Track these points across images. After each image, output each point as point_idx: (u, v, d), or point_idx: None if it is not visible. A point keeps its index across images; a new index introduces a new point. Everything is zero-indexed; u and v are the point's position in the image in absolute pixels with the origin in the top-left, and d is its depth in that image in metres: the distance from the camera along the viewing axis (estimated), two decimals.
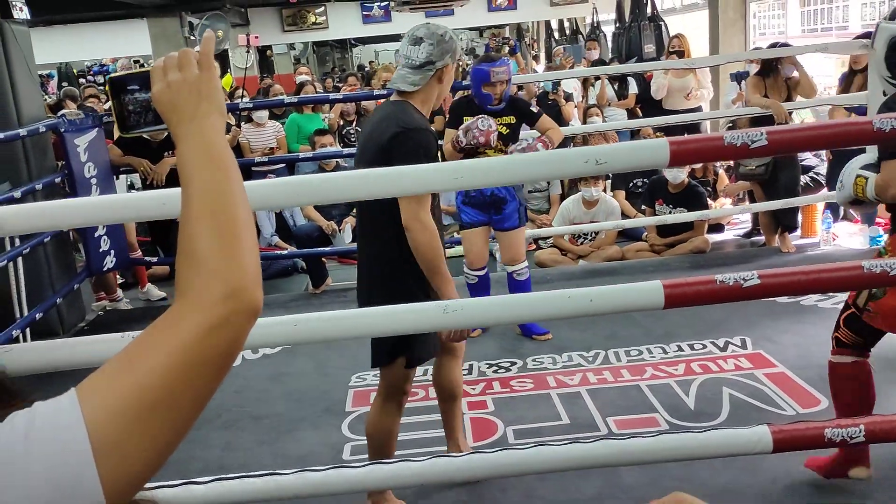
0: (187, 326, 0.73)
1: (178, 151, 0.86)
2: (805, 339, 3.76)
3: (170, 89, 0.89)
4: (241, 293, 0.76)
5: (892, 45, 2.16)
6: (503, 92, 3.85)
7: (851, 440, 1.80)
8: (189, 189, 0.82)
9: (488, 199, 3.99)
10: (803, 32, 9.48)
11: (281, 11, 12.83)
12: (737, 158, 1.67)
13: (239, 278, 0.77)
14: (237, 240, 0.79)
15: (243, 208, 0.82)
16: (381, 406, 2.58)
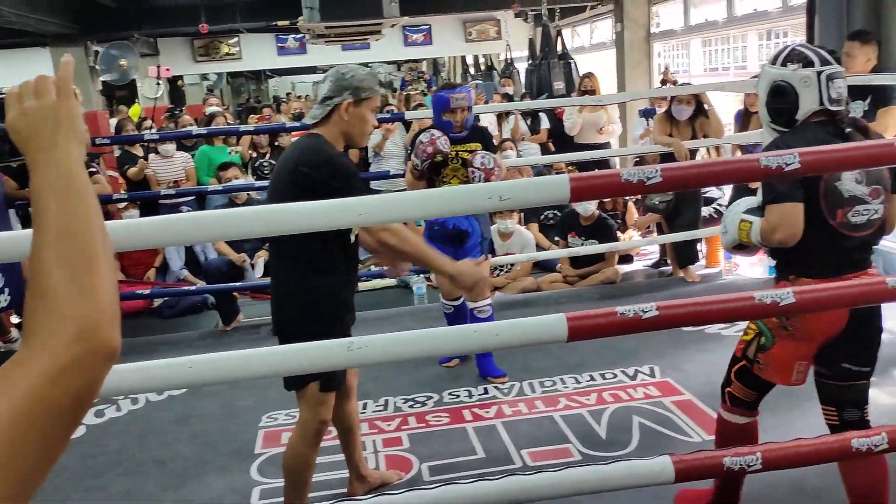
0: (34, 371, 0.68)
1: (32, 181, 0.80)
2: (709, 366, 3.87)
3: (25, 117, 0.84)
4: (94, 333, 0.71)
5: (773, 91, 2.21)
6: (464, 119, 3.83)
7: (749, 468, 1.85)
8: (40, 220, 0.76)
9: (451, 231, 3.95)
10: (705, 71, 9.93)
11: (192, 42, 12.63)
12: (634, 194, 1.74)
13: (92, 317, 0.72)
14: (91, 275, 0.74)
15: (101, 242, 0.77)
16: (297, 435, 2.57)
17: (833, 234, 2.13)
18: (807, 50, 2.20)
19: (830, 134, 2.13)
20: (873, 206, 2.14)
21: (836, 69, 2.16)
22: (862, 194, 2.11)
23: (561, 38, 9.88)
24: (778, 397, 3.48)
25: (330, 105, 2.45)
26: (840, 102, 2.16)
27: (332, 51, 12.74)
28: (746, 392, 2.43)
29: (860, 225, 2.14)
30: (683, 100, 5.27)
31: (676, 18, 9.26)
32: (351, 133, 2.51)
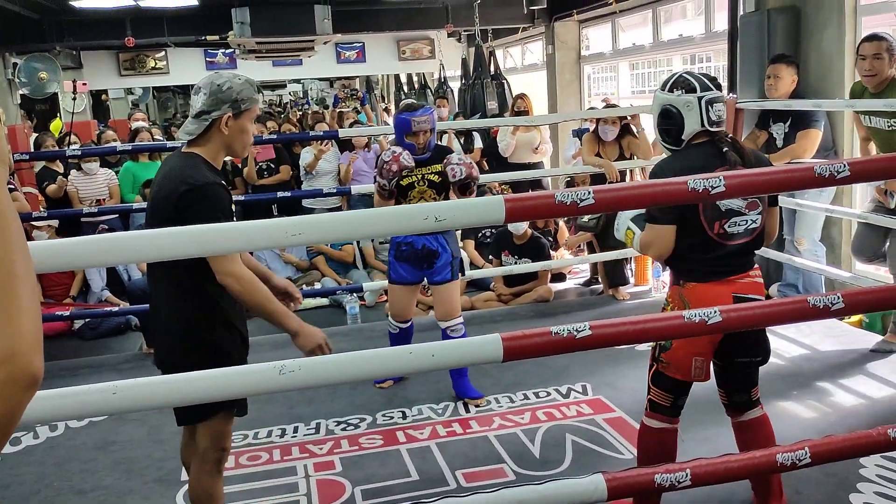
0: None
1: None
2: (640, 383, 3.90)
3: None
4: (14, 360, 0.68)
5: (661, 114, 2.43)
6: (427, 141, 3.77)
7: (679, 484, 1.88)
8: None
9: (420, 251, 3.83)
10: (633, 94, 10.19)
11: (118, 55, 12.29)
12: (568, 215, 1.78)
13: (12, 343, 0.69)
14: (12, 300, 0.71)
15: (22, 265, 0.74)
16: (200, 468, 2.41)
17: (712, 243, 2.36)
18: (691, 77, 2.42)
19: (710, 154, 2.36)
20: (750, 217, 2.36)
21: (716, 94, 2.38)
22: (739, 207, 2.33)
23: (494, 59, 10.01)
24: (708, 411, 3.58)
25: (208, 120, 2.29)
26: (720, 124, 2.38)
27: (262, 66, 12.59)
28: (662, 395, 2.55)
29: (737, 234, 2.37)
30: (609, 120, 5.40)
31: (605, 42, 9.50)
32: (232, 146, 2.37)
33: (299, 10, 7.43)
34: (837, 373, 3.97)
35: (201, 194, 2.18)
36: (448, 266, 3.85)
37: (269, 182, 6.92)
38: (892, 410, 3.49)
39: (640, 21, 8.91)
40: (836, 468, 2.72)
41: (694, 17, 8.22)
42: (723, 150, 2.36)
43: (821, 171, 1.82)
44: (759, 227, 2.41)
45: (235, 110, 2.31)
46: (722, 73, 7.37)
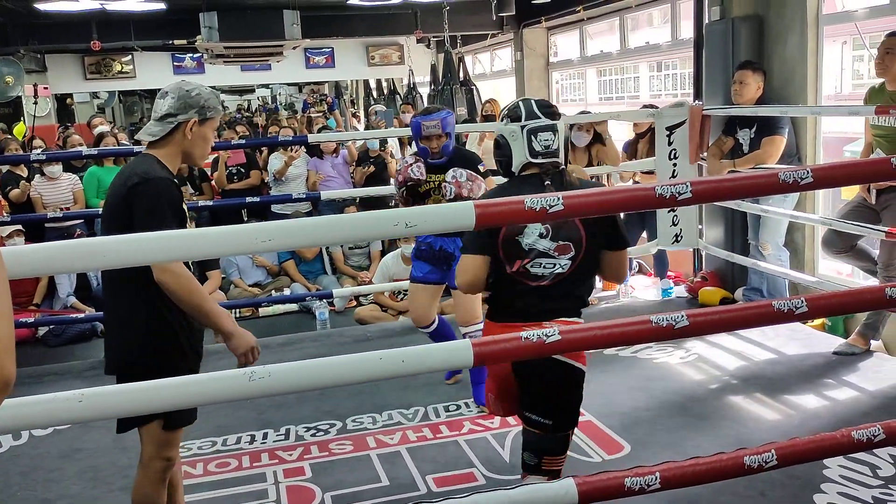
0: None
1: None
2: (608, 387, 3.98)
3: None
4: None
5: (494, 144, 2.38)
6: (441, 145, 3.64)
7: (649, 487, 1.90)
8: None
9: (437, 252, 3.76)
10: (600, 100, 10.30)
11: (83, 59, 12.11)
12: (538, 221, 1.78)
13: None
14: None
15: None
16: (144, 475, 2.40)
17: (511, 281, 2.27)
18: (521, 105, 2.33)
19: (534, 186, 2.25)
20: (559, 261, 2.25)
21: (541, 123, 2.27)
22: (546, 248, 2.24)
23: (463, 65, 10.04)
24: (673, 415, 3.63)
25: (173, 123, 2.32)
26: (549, 154, 2.28)
27: (230, 71, 12.50)
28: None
29: (540, 276, 2.26)
30: (583, 127, 5.45)
31: (573, 49, 9.59)
32: (192, 153, 2.41)
33: (268, 14, 7.40)
34: (801, 375, 4.04)
35: (150, 186, 2.20)
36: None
37: (240, 187, 6.87)
38: (855, 412, 3.56)
39: (607, 28, 9.01)
40: (799, 470, 2.77)
41: (660, 24, 8.34)
42: (544, 182, 2.27)
43: (785, 177, 1.85)
44: (566, 272, 2.26)
45: (201, 116, 2.35)
46: (688, 80, 7.49)
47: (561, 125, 2.33)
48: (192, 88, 2.38)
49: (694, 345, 4.49)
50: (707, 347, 4.47)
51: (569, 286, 2.30)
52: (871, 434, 2.13)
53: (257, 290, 6.46)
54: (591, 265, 2.33)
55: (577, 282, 2.31)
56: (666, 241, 5.34)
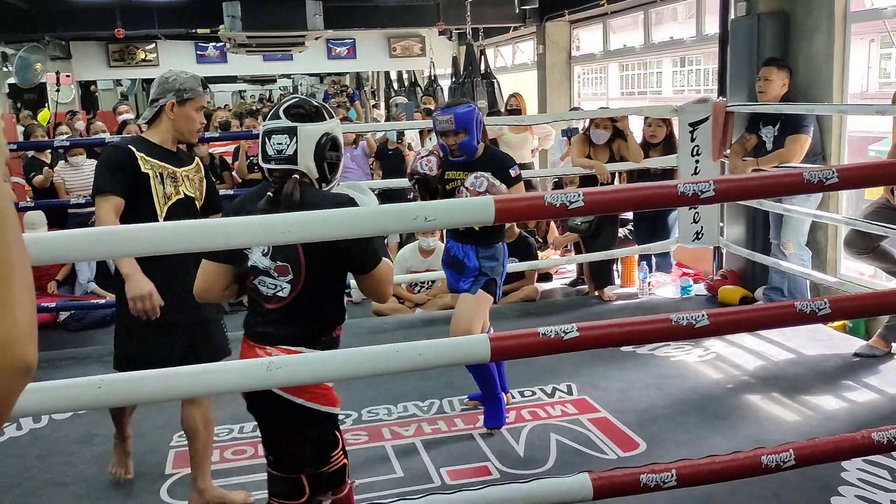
0: None
1: None
2: (625, 384, 3.97)
3: None
4: (9, 348, 0.69)
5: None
6: (458, 143, 3.34)
7: (664, 484, 1.89)
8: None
9: (452, 258, 3.56)
10: (622, 95, 10.23)
11: (107, 46, 12.21)
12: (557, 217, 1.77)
13: (7, 331, 0.69)
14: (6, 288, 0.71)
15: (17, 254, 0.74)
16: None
17: (251, 298, 2.11)
18: (277, 105, 2.13)
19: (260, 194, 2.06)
20: (279, 283, 2.03)
21: (273, 125, 2.04)
22: (266, 266, 2.04)
23: (484, 58, 10.01)
24: (688, 413, 3.61)
25: (157, 106, 2.75)
26: (282, 161, 2.02)
27: (253, 61, 12.55)
28: None
29: (267, 296, 2.06)
30: (601, 123, 5.40)
31: (596, 43, 9.53)
32: (180, 130, 2.81)
33: (291, 5, 7.40)
34: (821, 377, 4.00)
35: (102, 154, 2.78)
36: (471, 278, 3.45)
37: (260, 176, 6.89)
38: (875, 414, 3.52)
39: (631, 23, 8.94)
40: (817, 471, 2.74)
41: (685, 20, 8.25)
42: (268, 192, 2.02)
43: (810, 177, 1.82)
44: (288, 297, 2.02)
45: (178, 98, 2.74)
46: (712, 76, 7.41)
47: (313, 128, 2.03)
48: (170, 76, 2.79)
49: (712, 343, 4.46)
50: (726, 346, 4.44)
51: (293, 312, 2.04)
52: (892, 436, 2.11)
53: None
54: (321, 291, 2.06)
55: (303, 309, 2.04)
56: (686, 239, 5.30)
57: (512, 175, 3.34)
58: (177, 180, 2.91)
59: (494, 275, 3.48)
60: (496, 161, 3.41)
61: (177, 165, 2.91)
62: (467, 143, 3.38)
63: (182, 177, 2.92)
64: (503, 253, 3.56)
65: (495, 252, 3.49)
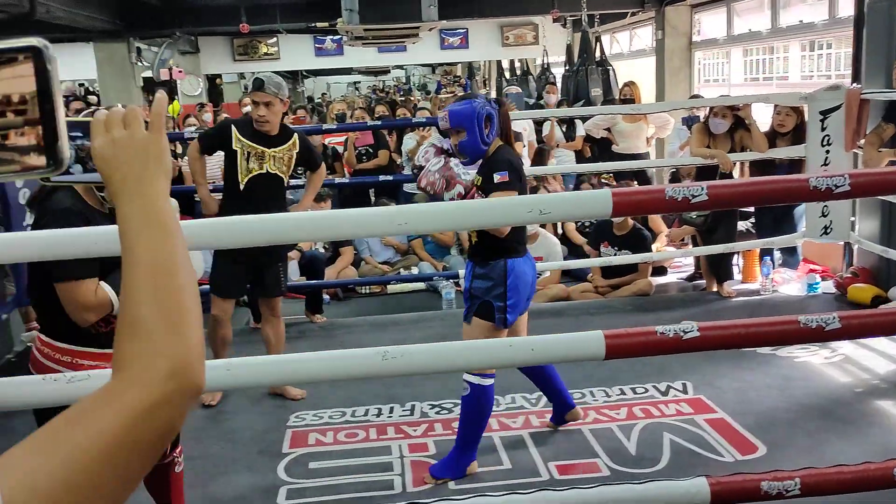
0: (126, 405, 0.68)
1: (121, 212, 0.81)
2: (744, 384, 3.81)
3: (114, 145, 0.83)
4: (185, 371, 0.72)
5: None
6: (457, 143, 3.00)
7: (787, 493, 1.80)
8: (132, 256, 0.78)
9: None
10: (745, 81, 9.80)
11: (232, 41, 12.75)
12: (678, 211, 1.70)
13: (184, 355, 0.73)
14: (182, 313, 0.75)
15: (188, 278, 0.78)
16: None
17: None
18: None
19: None
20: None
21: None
22: None
23: (599, 45, 9.81)
24: (814, 418, 3.43)
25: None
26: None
27: (368, 52, 12.78)
28: None
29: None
30: (720, 112, 5.18)
31: (719, 27, 9.14)
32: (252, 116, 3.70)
33: None
34: None
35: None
36: (467, 302, 3.09)
37: (368, 167, 7.05)
38: None
39: (756, 5, 8.53)
40: None
41: (815, 1, 7.79)
42: None
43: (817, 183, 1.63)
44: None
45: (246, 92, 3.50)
46: (844, 61, 6.98)
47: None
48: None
49: (841, 344, 4.21)
50: (855, 348, 4.18)
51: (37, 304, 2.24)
52: None
53: (387, 268, 6.61)
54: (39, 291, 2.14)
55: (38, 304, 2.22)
56: (814, 233, 5.02)
57: (495, 180, 2.92)
58: (263, 159, 3.70)
59: (488, 297, 2.96)
60: (490, 164, 2.99)
61: (266, 146, 3.69)
62: (466, 144, 2.96)
63: (269, 156, 3.70)
64: (508, 271, 2.95)
65: (490, 270, 2.97)
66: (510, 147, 3.07)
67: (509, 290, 2.95)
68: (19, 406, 1.67)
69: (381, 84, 27.73)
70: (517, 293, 2.98)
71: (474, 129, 2.95)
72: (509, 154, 3.03)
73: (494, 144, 3.03)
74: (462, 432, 3.05)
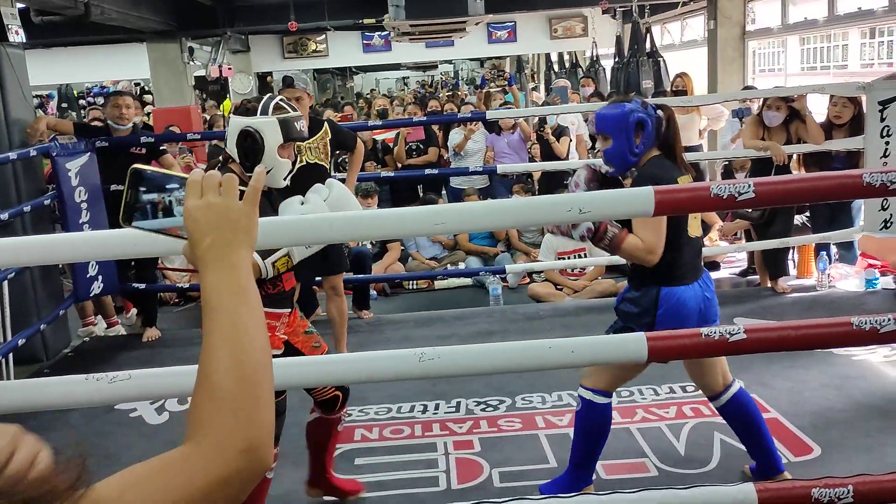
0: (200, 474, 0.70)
1: (206, 278, 0.83)
2: (797, 384, 3.71)
3: (210, 210, 0.85)
4: (258, 451, 0.73)
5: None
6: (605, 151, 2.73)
7: (839, 501, 1.74)
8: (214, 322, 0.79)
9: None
10: (802, 70, 9.54)
11: (282, 39, 12.90)
12: (724, 209, 1.63)
13: (258, 435, 0.74)
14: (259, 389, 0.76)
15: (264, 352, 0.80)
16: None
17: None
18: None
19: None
20: None
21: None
22: None
23: (650, 36, 9.64)
24: (872, 419, 3.31)
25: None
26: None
27: (416, 48, 12.80)
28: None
29: None
30: (773, 105, 5.02)
31: (773, 16, 8.90)
32: None
33: None
34: None
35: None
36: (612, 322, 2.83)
37: (417, 162, 7.06)
38: None
39: None
40: None
41: None
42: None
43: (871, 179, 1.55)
44: None
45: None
46: None
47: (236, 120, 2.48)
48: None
49: None
50: None
51: None
52: None
53: (434, 264, 6.62)
54: None
55: None
56: (873, 227, 4.85)
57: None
58: (300, 151, 3.84)
59: (633, 324, 2.61)
60: (639, 179, 2.66)
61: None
62: (612, 152, 2.68)
63: (305, 148, 3.93)
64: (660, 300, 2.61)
65: (641, 297, 2.65)
66: (666, 159, 2.67)
67: (658, 321, 2.57)
68: (66, 405, 1.71)
69: (429, 79, 27.75)
70: (670, 326, 2.52)
71: (621, 136, 2.63)
72: (659, 168, 2.63)
73: (648, 154, 2.66)
74: (575, 451, 2.80)
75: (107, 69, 13.32)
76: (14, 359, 4.24)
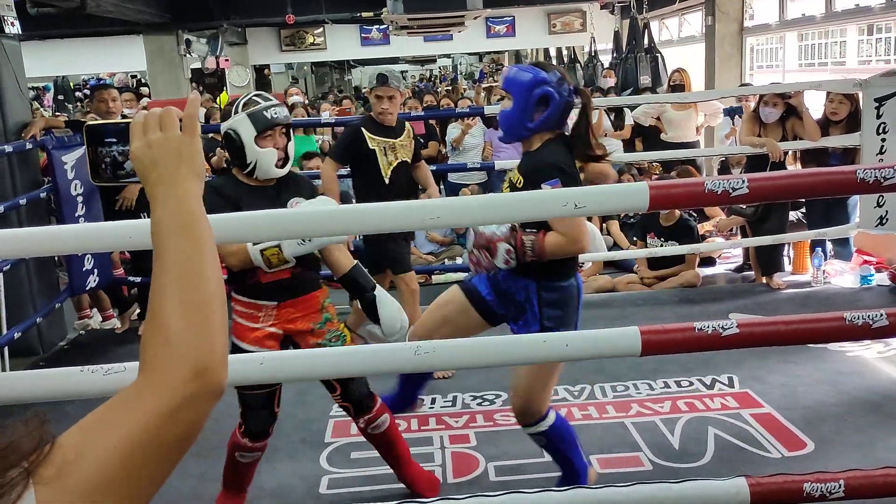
0: (149, 407, 0.71)
1: (154, 214, 0.83)
2: (792, 379, 3.72)
3: (150, 148, 0.86)
4: (207, 374, 0.74)
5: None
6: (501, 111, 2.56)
7: (830, 495, 1.75)
8: (162, 259, 0.80)
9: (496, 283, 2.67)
10: (800, 66, 9.54)
11: (279, 31, 12.87)
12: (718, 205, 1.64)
13: (206, 358, 0.75)
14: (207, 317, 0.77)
15: (215, 282, 0.80)
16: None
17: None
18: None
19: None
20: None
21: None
22: None
23: (648, 31, 9.63)
24: (865, 414, 3.33)
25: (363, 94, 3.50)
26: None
27: (414, 42, 12.78)
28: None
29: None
30: (770, 101, 5.03)
31: (771, 12, 8.89)
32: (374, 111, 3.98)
33: None
34: None
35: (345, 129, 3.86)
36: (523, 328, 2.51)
37: (432, 154, 7.05)
38: None
39: None
40: None
41: None
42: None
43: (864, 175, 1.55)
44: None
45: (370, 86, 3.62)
46: None
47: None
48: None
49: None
50: None
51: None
52: None
53: (431, 258, 6.62)
54: None
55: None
56: (868, 224, 4.86)
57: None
58: (395, 150, 4.00)
59: (562, 328, 2.38)
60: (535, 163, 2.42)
61: (394, 137, 4.00)
62: (506, 114, 2.45)
63: (399, 146, 4.03)
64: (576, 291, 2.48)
65: (562, 294, 2.42)
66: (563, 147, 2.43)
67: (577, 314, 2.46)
68: (61, 397, 1.72)
69: (427, 73, 27.71)
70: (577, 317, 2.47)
71: (520, 101, 2.39)
72: (560, 154, 2.39)
73: (542, 137, 2.44)
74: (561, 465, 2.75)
75: (103, 61, 13.30)
76: (10, 351, 4.23)
